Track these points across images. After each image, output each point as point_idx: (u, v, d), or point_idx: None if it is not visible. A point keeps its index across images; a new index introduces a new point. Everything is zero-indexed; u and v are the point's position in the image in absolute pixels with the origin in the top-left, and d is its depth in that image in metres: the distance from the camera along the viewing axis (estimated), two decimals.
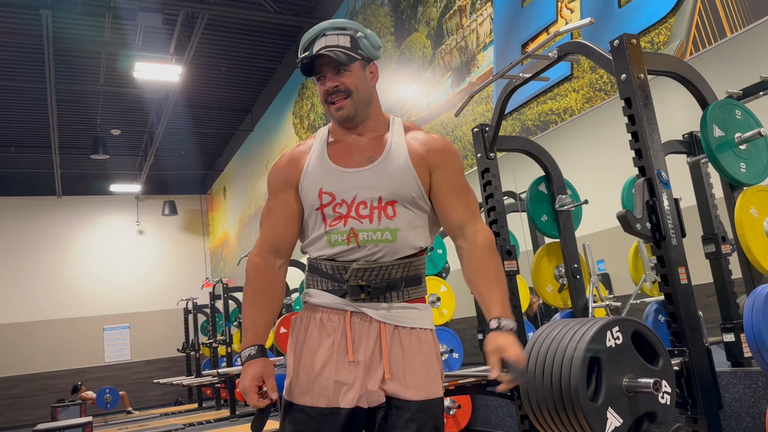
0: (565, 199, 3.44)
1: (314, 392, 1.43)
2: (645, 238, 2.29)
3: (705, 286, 3.22)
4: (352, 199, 1.47)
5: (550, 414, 1.70)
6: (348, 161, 1.51)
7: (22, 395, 12.55)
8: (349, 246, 1.46)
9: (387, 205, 1.46)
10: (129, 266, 14.03)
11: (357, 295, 1.44)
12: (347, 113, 1.51)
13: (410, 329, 1.47)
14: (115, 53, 8.68)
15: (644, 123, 2.30)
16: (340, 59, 1.47)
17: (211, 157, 14.14)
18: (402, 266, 1.48)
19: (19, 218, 13.30)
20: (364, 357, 1.43)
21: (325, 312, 1.48)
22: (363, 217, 1.46)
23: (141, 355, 13.67)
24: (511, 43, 5.00)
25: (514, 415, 4.08)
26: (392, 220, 1.46)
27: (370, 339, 1.44)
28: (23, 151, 12.10)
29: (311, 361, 1.45)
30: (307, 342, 1.48)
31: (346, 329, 1.44)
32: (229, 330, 9.06)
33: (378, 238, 1.45)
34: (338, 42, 1.49)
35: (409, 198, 1.48)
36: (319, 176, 1.51)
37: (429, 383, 1.45)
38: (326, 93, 1.50)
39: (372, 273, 1.45)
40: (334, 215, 1.48)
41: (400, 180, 1.48)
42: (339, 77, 1.49)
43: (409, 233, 1.48)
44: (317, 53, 1.48)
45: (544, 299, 3.56)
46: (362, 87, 1.51)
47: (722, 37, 3.43)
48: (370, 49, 1.54)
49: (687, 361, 2.16)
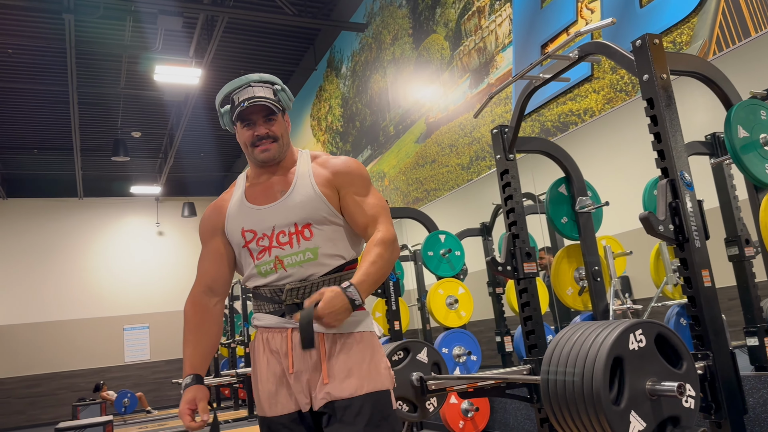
0: (586, 200, 3.41)
1: (272, 404, 1.61)
2: (668, 240, 2.26)
3: (728, 290, 3.17)
4: (272, 230, 1.64)
5: (571, 417, 1.68)
6: (263, 199, 1.68)
7: (44, 394, 12.73)
8: (277, 272, 1.62)
9: (303, 229, 1.63)
10: (149, 267, 14.18)
11: (294, 311, 1.59)
12: (272, 155, 1.68)
13: (348, 334, 1.60)
14: (135, 56, 8.79)
15: (667, 124, 2.28)
16: (272, 108, 1.65)
17: (229, 159, 14.25)
18: (332, 281, 1.61)
19: (42, 220, 13.50)
20: (308, 366, 1.58)
21: (269, 332, 1.64)
22: (283, 244, 1.62)
23: (160, 354, 13.80)
24: (531, 43, 4.98)
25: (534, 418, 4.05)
26: (310, 240, 1.62)
27: (310, 353, 1.58)
28: (45, 154, 12.29)
29: (265, 377, 1.63)
30: (260, 361, 1.66)
31: (287, 346, 1.60)
32: (247, 330, 9.11)
33: (301, 259, 1.61)
34: (264, 93, 1.67)
35: (321, 218, 1.63)
36: (239, 218, 1.69)
37: (371, 378, 1.58)
38: (256, 137, 1.66)
39: (305, 291, 1.60)
40: (258, 248, 1.65)
41: (309, 204, 1.64)
42: (268, 125, 1.67)
43: (329, 248, 1.63)
44: (256, 99, 1.64)
45: (565, 302, 3.53)
46: (285, 134, 1.70)
47: (746, 37, 3.38)
48: (286, 101, 1.72)
49: (711, 365, 2.13)
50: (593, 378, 1.61)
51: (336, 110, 8.94)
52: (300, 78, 10.13)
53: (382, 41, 7.56)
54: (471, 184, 5.84)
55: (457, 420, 4.43)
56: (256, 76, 1.71)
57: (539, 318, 3.12)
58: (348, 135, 8.56)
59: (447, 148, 6.19)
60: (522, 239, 3.16)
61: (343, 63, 8.64)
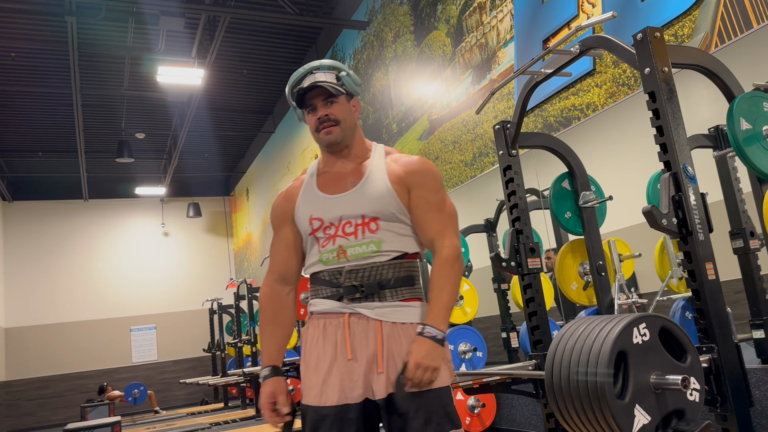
0: (589, 195, 3.41)
1: (325, 393, 1.56)
2: (671, 234, 2.25)
3: (733, 282, 3.16)
4: (339, 220, 1.64)
5: (576, 412, 1.69)
6: (334, 188, 1.68)
7: (53, 395, 12.81)
8: (339, 261, 1.62)
9: (370, 222, 1.62)
10: (155, 268, 14.23)
11: (352, 294, 1.59)
12: (335, 138, 1.68)
13: (409, 324, 1.58)
14: (138, 58, 8.82)
15: (669, 117, 2.27)
16: (330, 91, 1.66)
17: (233, 159, 14.28)
18: (393, 266, 1.61)
19: (48, 222, 13.57)
20: (365, 354, 1.55)
21: (326, 317, 1.62)
22: (348, 234, 1.62)
23: (167, 355, 13.86)
24: (532, 39, 4.97)
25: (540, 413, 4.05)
26: (375, 233, 1.61)
27: (369, 336, 1.57)
28: (50, 156, 12.34)
29: (318, 365, 1.60)
30: (314, 348, 1.63)
31: (345, 332, 1.58)
32: (253, 330, 9.14)
33: (364, 251, 1.61)
34: (325, 78, 1.68)
35: (390, 214, 1.63)
36: (308, 205, 1.69)
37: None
38: (318, 121, 1.68)
39: (364, 273, 1.60)
40: (324, 237, 1.65)
41: (380, 199, 1.63)
42: (328, 108, 1.67)
43: (394, 242, 1.63)
44: (311, 85, 1.67)
45: (569, 297, 3.53)
46: (348, 117, 1.70)
47: (748, 29, 3.37)
48: (352, 85, 1.73)
49: (716, 358, 2.13)
50: (597, 372, 1.61)
51: None
52: None
53: (383, 39, 7.56)
54: (474, 181, 5.84)
55: (464, 416, 4.44)
56: (317, 63, 1.73)
57: (544, 313, 3.12)
58: None
59: (450, 145, 6.19)
60: (526, 235, 3.15)
61: (345, 61, 8.64)
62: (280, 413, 1.60)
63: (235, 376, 8.99)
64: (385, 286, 1.60)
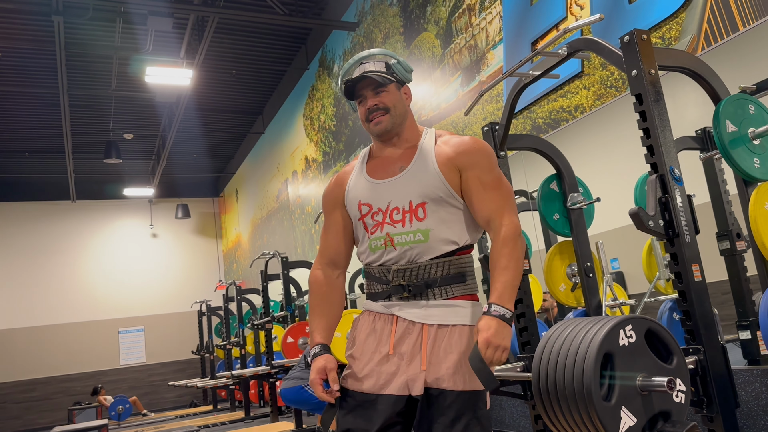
0: (577, 197, 3.42)
1: (364, 381, 1.61)
2: (658, 236, 2.26)
3: (720, 284, 3.18)
4: (387, 206, 1.65)
5: (563, 413, 1.68)
6: (383, 173, 1.70)
7: (40, 398, 12.69)
8: (386, 249, 1.64)
9: (417, 208, 1.62)
10: (143, 269, 14.14)
11: (400, 293, 1.62)
12: (385, 127, 1.69)
13: (451, 326, 1.60)
14: (126, 58, 8.76)
15: (656, 119, 2.28)
16: (377, 80, 1.67)
17: (222, 159, 14.22)
18: (440, 265, 1.61)
19: (35, 223, 13.45)
20: (406, 350, 1.59)
21: (377, 315, 1.67)
22: (396, 222, 1.63)
23: (156, 357, 13.77)
24: (521, 40, 4.98)
25: (528, 414, 4.05)
26: (423, 222, 1.61)
27: (412, 336, 1.60)
28: (37, 157, 12.24)
29: (362, 355, 1.64)
30: (360, 337, 1.68)
31: (392, 329, 1.62)
32: (242, 332, 9.09)
33: (411, 239, 1.61)
34: (375, 68, 1.70)
35: (438, 197, 1.62)
36: (358, 190, 1.71)
37: (469, 377, 1.56)
38: (367, 111, 1.69)
39: (411, 273, 1.61)
40: (372, 223, 1.67)
41: (427, 182, 1.62)
42: (378, 97, 1.69)
43: (442, 231, 1.61)
44: (359, 76, 1.68)
45: (557, 298, 3.54)
46: (398, 105, 1.71)
47: (734, 32, 3.39)
48: (403, 72, 1.74)
49: (702, 359, 2.13)
50: (584, 374, 1.61)
51: (329, 109, 8.93)
52: (292, 78, 10.12)
53: (373, 40, 7.56)
54: None
55: None
56: (366, 53, 1.74)
57: (532, 315, 3.13)
58: (341, 134, 8.56)
59: None
60: None
61: (335, 62, 8.63)
62: (331, 390, 1.61)
63: (224, 379, 8.94)
64: (431, 284, 1.61)
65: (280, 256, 6.92)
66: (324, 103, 9.07)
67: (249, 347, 9.12)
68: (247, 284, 11.78)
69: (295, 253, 10.11)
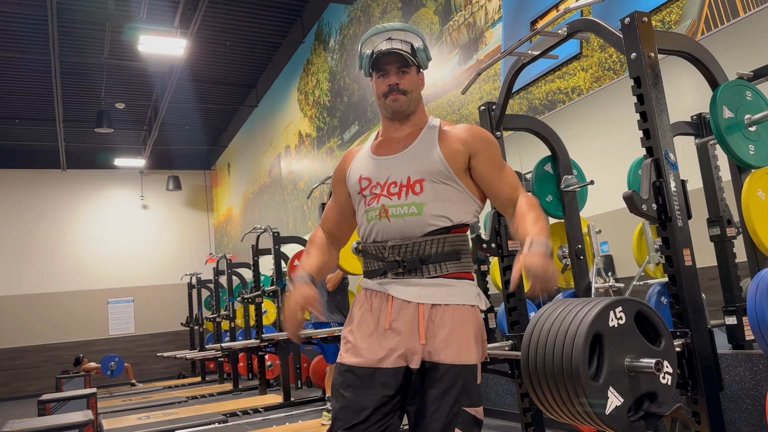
0: (571, 179, 3.42)
1: (363, 355, 1.64)
2: (651, 219, 2.27)
3: (708, 269, 3.21)
4: (386, 180, 1.69)
5: (551, 392, 1.70)
6: (386, 151, 1.75)
7: (28, 366, 12.70)
8: (381, 221, 1.67)
9: (415, 183, 1.66)
10: (133, 240, 14.09)
11: (395, 269, 1.65)
12: (400, 107, 1.72)
13: (445, 305, 1.63)
14: (119, 26, 8.62)
15: (653, 103, 2.28)
16: (407, 60, 1.71)
17: (215, 132, 14.10)
18: (435, 242, 1.64)
19: (24, 191, 13.34)
20: (403, 326, 1.62)
21: (373, 292, 1.71)
22: (393, 194, 1.67)
23: (145, 328, 13.79)
24: (520, 20, 4.94)
25: (515, 393, 4.11)
26: (418, 196, 1.65)
27: (408, 313, 1.63)
28: (28, 124, 12.08)
29: (360, 330, 1.68)
30: (358, 313, 1.72)
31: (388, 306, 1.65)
32: (232, 305, 9.12)
33: (405, 212, 1.65)
34: (402, 47, 1.72)
35: (436, 176, 1.66)
36: (360, 166, 1.77)
37: (459, 351, 1.61)
38: (389, 87, 1.71)
39: (406, 249, 1.64)
40: (371, 196, 1.71)
41: (428, 161, 1.67)
42: (401, 77, 1.71)
43: (436, 207, 1.65)
44: (388, 50, 1.69)
45: None
46: (415, 90, 1.75)
47: (735, 17, 3.37)
48: (424, 60, 1.77)
49: (689, 343, 2.16)
50: (573, 354, 1.62)
51: (324, 84, 8.85)
52: (287, 51, 10.00)
53: (371, 14, 7.47)
54: None
55: None
56: (400, 25, 1.78)
57: (522, 295, 3.15)
58: (335, 110, 8.50)
59: None
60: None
61: (332, 36, 8.54)
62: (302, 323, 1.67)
63: (213, 351, 8.99)
64: (426, 261, 1.64)
65: (271, 231, 6.92)
66: (319, 77, 8.99)
67: (239, 320, 9.16)
68: (238, 258, 11.77)
69: (286, 229, 10.10)
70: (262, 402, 6.52)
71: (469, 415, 1.59)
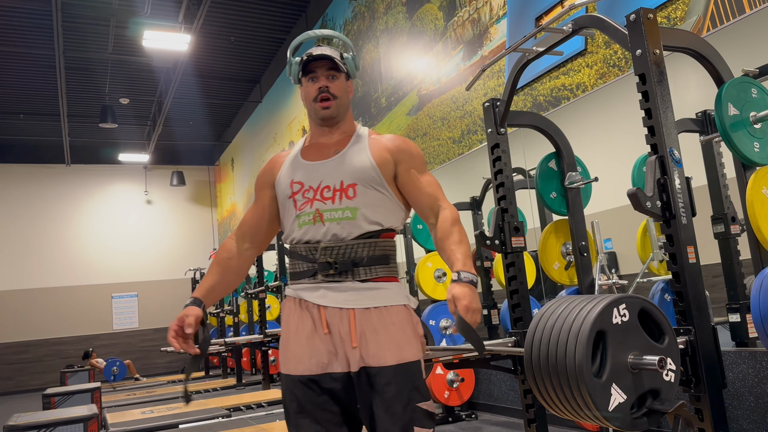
0: (575, 176, 3.42)
1: (302, 362, 1.62)
2: (655, 217, 2.27)
3: (712, 267, 3.21)
4: (318, 184, 1.69)
5: (554, 388, 1.71)
6: (317, 156, 1.75)
7: (32, 360, 12.76)
8: (315, 225, 1.67)
9: (348, 188, 1.67)
10: (137, 236, 14.12)
11: (326, 270, 1.64)
12: (331, 113, 1.73)
13: (378, 308, 1.63)
14: (124, 21, 8.62)
15: (658, 100, 2.27)
16: (336, 65, 1.73)
17: (219, 128, 14.11)
18: (367, 245, 1.65)
19: (29, 186, 13.37)
20: (338, 331, 1.61)
21: (302, 301, 1.68)
22: (326, 198, 1.67)
23: (149, 323, 13.83)
24: (525, 16, 4.93)
25: (517, 389, 4.11)
26: (352, 200, 1.66)
27: (342, 320, 1.62)
28: (32, 119, 12.11)
29: (294, 337, 1.66)
30: (292, 320, 1.69)
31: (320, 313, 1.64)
32: (236, 300, 9.14)
33: (339, 216, 1.65)
34: (332, 53, 1.74)
35: (368, 182, 1.68)
36: (291, 171, 1.75)
37: (400, 349, 1.61)
38: (318, 90, 1.73)
39: (339, 251, 1.64)
40: (303, 200, 1.70)
41: (360, 166, 1.69)
42: (330, 81, 1.73)
43: (369, 211, 1.67)
44: (320, 54, 1.72)
45: (551, 276, 3.56)
46: (344, 96, 1.77)
47: (741, 14, 3.36)
48: (352, 68, 1.80)
49: (692, 340, 2.16)
50: (576, 351, 1.63)
51: None
52: None
53: (375, 10, 7.46)
54: (462, 158, 5.83)
55: (443, 390, 4.49)
56: (329, 32, 1.83)
57: (525, 291, 3.15)
58: None
59: (439, 121, 6.16)
60: (511, 214, 3.16)
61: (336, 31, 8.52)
62: (184, 335, 1.61)
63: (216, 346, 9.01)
64: (358, 264, 1.64)
65: None
66: None
67: (242, 316, 9.18)
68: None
69: None
70: (266, 397, 6.54)
71: (423, 410, 1.59)
